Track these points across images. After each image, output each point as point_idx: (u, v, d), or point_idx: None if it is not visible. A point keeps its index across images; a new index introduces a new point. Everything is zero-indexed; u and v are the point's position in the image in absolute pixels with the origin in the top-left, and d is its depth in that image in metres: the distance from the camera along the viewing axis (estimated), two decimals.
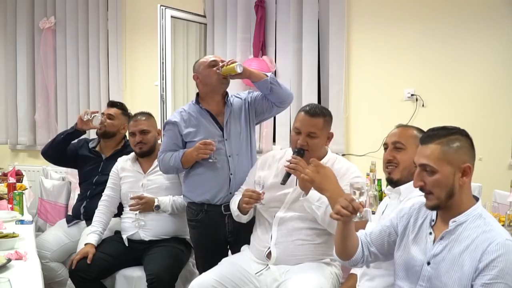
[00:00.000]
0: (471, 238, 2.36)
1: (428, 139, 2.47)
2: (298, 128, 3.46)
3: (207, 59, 4.00)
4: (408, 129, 3.08)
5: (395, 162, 3.01)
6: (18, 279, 2.81)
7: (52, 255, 4.54)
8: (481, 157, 5.56)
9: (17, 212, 4.37)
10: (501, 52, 5.77)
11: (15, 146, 7.61)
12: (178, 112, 4.12)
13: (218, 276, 3.48)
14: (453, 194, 2.40)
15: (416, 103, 6.01)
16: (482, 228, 2.37)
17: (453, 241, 2.41)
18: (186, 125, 3.97)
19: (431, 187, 2.41)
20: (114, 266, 4.20)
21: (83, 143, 5.06)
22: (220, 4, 6.57)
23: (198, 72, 3.99)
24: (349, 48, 6.26)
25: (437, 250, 2.44)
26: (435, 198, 2.41)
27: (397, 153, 3.01)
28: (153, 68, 6.06)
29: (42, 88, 7.40)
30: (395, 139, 3.04)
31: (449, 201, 2.41)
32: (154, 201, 4.22)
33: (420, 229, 2.57)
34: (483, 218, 2.41)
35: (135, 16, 6.98)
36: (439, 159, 2.40)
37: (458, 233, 2.41)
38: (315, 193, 3.26)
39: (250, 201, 3.42)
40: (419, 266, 2.49)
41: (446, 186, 2.40)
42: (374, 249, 2.68)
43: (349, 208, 2.46)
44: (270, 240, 3.52)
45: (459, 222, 2.41)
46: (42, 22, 7.27)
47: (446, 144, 2.43)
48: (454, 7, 5.84)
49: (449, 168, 2.40)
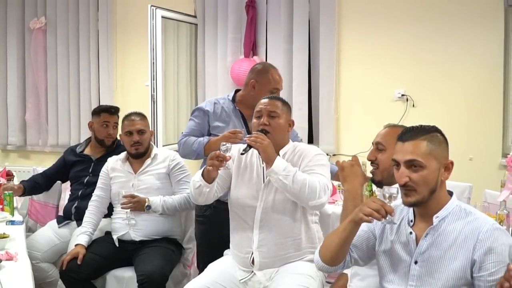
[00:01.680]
0: (457, 231, 2.40)
1: (410, 136, 2.47)
2: (259, 112, 3.47)
3: (275, 82, 4.10)
4: (393, 130, 3.04)
5: (376, 162, 3.02)
6: (8, 279, 2.81)
7: (42, 255, 4.52)
8: (472, 157, 5.61)
9: (7, 213, 4.36)
10: (490, 53, 5.78)
11: (5, 146, 7.59)
12: (211, 102, 4.20)
13: (209, 282, 3.45)
14: (435, 189, 2.43)
15: (406, 104, 6.02)
16: (466, 219, 2.42)
17: (439, 236, 2.43)
18: (217, 118, 4.08)
19: (416, 183, 2.40)
20: (105, 267, 4.18)
21: (69, 151, 5.07)
22: (211, 4, 6.56)
23: (258, 81, 4.07)
24: (339, 48, 6.26)
25: (423, 248, 2.45)
26: (418, 194, 2.41)
27: (378, 154, 3.02)
28: (143, 68, 6.06)
29: (32, 88, 7.38)
30: (377, 140, 3.05)
31: (431, 197, 2.42)
32: (145, 201, 4.19)
33: (400, 230, 2.56)
34: (464, 209, 2.46)
35: (125, 16, 6.97)
36: (426, 155, 2.41)
37: (443, 228, 2.43)
38: (280, 164, 3.24)
39: (215, 163, 3.30)
40: (406, 267, 2.49)
41: (432, 181, 2.41)
42: (355, 254, 2.67)
43: (381, 212, 2.40)
44: (252, 245, 3.48)
45: (442, 217, 2.44)
46: (33, 22, 7.24)
47: (431, 140, 2.44)
48: (444, 9, 5.85)
49: (435, 163, 2.43)
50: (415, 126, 2.52)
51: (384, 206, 2.40)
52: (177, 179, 4.35)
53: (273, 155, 3.28)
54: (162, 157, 4.40)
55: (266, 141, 3.27)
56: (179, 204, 4.25)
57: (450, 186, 2.61)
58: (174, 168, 4.37)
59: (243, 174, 3.55)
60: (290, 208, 3.40)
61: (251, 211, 3.48)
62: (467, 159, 5.58)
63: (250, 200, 3.49)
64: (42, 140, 7.42)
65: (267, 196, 3.45)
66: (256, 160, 3.51)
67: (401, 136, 2.51)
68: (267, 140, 3.28)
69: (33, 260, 3.96)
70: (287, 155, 3.45)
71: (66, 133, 7.27)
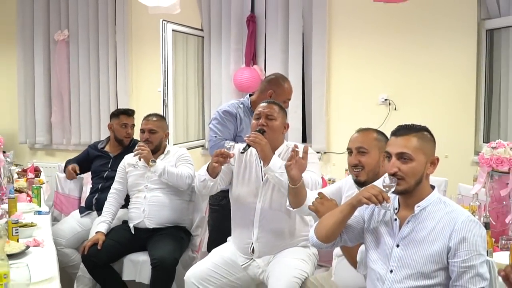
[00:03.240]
0: (435, 220, 2.42)
1: (404, 132, 2.49)
2: (258, 114, 3.49)
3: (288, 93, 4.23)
4: (368, 133, 3.09)
5: (360, 165, 3.02)
6: (36, 263, 2.81)
7: (66, 242, 4.53)
8: (447, 155, 5.61)
9: (35, 204, 4.37)
10: (464, 62, 5.79)
11: (33, 145, 7.57)
12: (235, 106, 4.24)
13: (212, 265, 3.51)
14: (420, 181, 2.45)
15: (389, 107, 6.02)
16: (444, 210, 2.44)
17: (419, 224, 2.45)
18: (241, 120, 4.16)
19: (405, 173, 2.43)
20: (122, 252, 4.21)
21: (92, 146, 5.11)
22: (215, 19, 6.55)
23: (275, 91, 4.13)
24: (329, 58, 6.26)
25: (405, 233, 2.47)
26: (406, 183, 2.44)
27: (361, 157, 3.02)
28: (156, 75, 6.04)
29: (57, 93, 7.36)
30: (358, 145, 3.04)
31: (416, 187, 2.45)
32: (152, 156, 4.19)
33: (385, 217, 2.58)
34: (443, 202, 2.49)
35: (140, 29, 6.96)
36: (416, 149, 2.44)
37: (423, 217, 2.45)
38: (276, 162, 3.26)
39: (220, 160, 3.33)
40: (389, 249, 2.50)
41: (418, 173, 2.44)
42: (345, 235, 2.66)
43: (379, 197, 2.42)
44: (252, 236, 3.51)
45: (422, 207, 2.46)
46: (57, 34, 7.23)
47: (421, 137, 2.48)
48: (423, 22, 5.85)
49: (423, 158, 2.45)
50: (408, 124, 2.55)
51: (382, 193, 2.43)
52: (179, 163, 4.33)
53: (270, 154, 3.30)
54: (173, 154, 4.41)
55: (264, 141, 3.30)
56: (178, 175, 4.18)
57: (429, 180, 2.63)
58: (179, 157, 4.37)
59: (243, 174, 3.57)
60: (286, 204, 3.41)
61: (251, 207, 3.51)
62: (443, 156, 5.52)
63: (250, 198, 3.52)
64: (66, 139, 7.41)
65: (265, 194, 3.48)
66: (255, 160, 3.52)
67: (395, 132, 2.54)
68: (265, 140, 3.30)
69: (57, 246, 3.96)
70: (281, 155, 3.46)
71: (87, 133, 7.26)
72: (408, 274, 2.43)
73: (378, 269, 2.55)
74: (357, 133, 3.11)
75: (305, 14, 6.28)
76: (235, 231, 3.66)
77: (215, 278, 3.49)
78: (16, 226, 3.31)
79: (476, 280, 2.32)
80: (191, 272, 3.52)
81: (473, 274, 2.32)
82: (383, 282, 2.50)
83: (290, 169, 3.00)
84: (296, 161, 3.00)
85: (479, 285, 2.32)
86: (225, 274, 3.52)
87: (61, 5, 7.26)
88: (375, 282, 2.56)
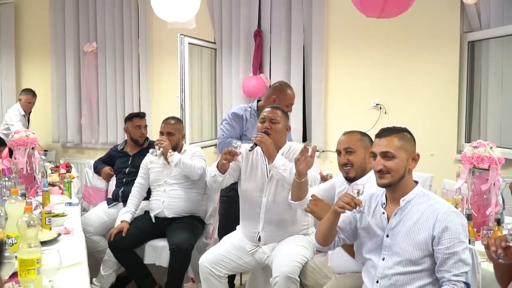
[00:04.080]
0: (420, 212, 2.43)
1: (386, 133, 2.51)
2: (262, 118, 3.47)
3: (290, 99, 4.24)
4: (353, 135, 3.11)
5: (349, 163, 3.05)
6: (66, 249, 2.80)
7: (94, 230, 4.51)
8: (433, 153, 5.59)
9: (66, 196, 4.38)
10: (447, 70, 5.76)
11: (65, 144, 7.57)
12: (243, 109, 4.29)
13: (223, 251, 3.53)
14: (404, 176, 2.46)
15: (380, 111, 5.99)
16: (428, 203, 2.44)
17: (405, 216, 2.45)
18: (247, 121, 4.18)
19: (389, 169, 2.44)
20: (144, 238, 4.20)
21: (114, 148, 5.15)
22: (226, 33, 6.54)
23: (278, 97, 4.15)
24: (327, 67, 6.23)
25: (393, 225, 2.47)
26: (391, 177, 2.44)
27: (349, 156, 3.05)
28: (174, 83, 6.03)
29: (86, 98, 7.36)
30: (345, 146, 3.07)
31: (400, 181, 2.46)
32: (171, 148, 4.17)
33: (375, 212, 2.58)
34: (426, 195, 2.49)
35: (160, 42, 6.95)
36: (397, 148, 2.46)
37: (408, 209, 2.46)
38: (280, 159, 3.28)
39: (228, 157, 3.33)
40: (380, 240, 2.51)
41: (401, 168, 2.45)
42: (342, 235, 2.69)
43: (351, 204, 2.46)
44: (259, 226, 3.50)
45: (407, 200, 2.47)
46: (86, 46, 7.23)
47: (401, 137, 2.49)
48: (410, 34, 5.81)
49: (405, 155, 2.46)
50: (389, 127, 2.57)
51: (353, 200, 2.46)
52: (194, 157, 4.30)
53: (274, 152, 3.32)
54: (189, 151, 4.39)
55: (269, 141, 3.31)
56: (191, 165, 4.15)
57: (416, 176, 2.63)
58: (194, 153, 4.36)
59: (250, 171, 3.56)
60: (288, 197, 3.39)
61: (257, 201, 3.50)
62: (428, 155, 5.55)
63: (256, 192, 3.51)
64: (94, 139, 7.42)
65: (270, 189, 3.47)
66: (260, 159, 3.51)
67: (378, 134, 2.55)
68: (270, 140, 3.31)
69: (86, 233, 3.95)
70: (284, 154, 3.45)
71: (113, 133, 7.26)
72: (398, 261, 2.44)
73: (372, 258, 2.56)
74: (343, 136, 3.15)
75: (305, 29, 6.26)
76: (243, 222, 3.66)
77: (225, 262, 3.49)
78: (49, 216, 3.31)
79: (459, 265, 2.32)
80: (205, 257, 3.52)
81: (456, 260, 2.32)
82: (376, 268, 2.51)
83: (299, 164, 3.02)
84: (305, 157, 3.01)
85: (461, 269, 2.33)
86: (235, 259, 3.52)
87: (90, 20, 7.27)
88: (369, 269, 2.57)
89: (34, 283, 2.17)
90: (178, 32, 5.68)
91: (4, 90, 7.78)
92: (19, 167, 4.18)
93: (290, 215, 3.50)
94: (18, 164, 4.18)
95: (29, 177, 4.25)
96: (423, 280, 2.41)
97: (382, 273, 2.47)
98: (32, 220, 2.33)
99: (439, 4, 5.68)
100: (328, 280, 3.13)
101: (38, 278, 2.24)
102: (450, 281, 2.31)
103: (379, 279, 2.48)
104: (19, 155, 4.23)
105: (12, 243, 2.65)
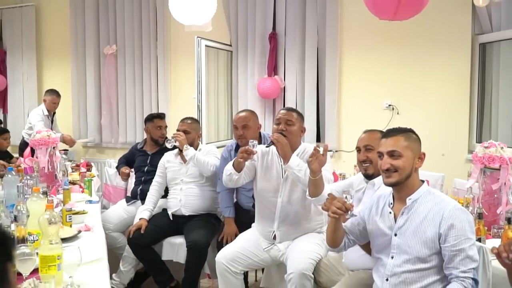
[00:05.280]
0: (426, 210, 2.41)
1: (392, 133, 2.51)
2: (278, 120, 3.46)
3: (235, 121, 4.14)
4: (373, 133, 3.12)
5: (369, 160, 3.06)
6: (87, 245, 2.80)
7: (114, 227, 4.52)
8: (444, 153, 5.55)
9: (87, 194, 4.39)
10: (459, 71, 5.72)
11: (86, 144, 7.61)
12: (228, 149, 4.24)
13: (239, 248, 3.53)
14: (410, 174, 2.45)
15: (392, 112, 5.96)
16: (434, 201, 2.42)
17: (412, 214, 2.44)
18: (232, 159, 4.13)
19: (396, 167, 2.43)
20: (162, 235, 4.21)
21: (134, 147, 5.17)
22: (242, 36, 6.55)
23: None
24: (340, 69, 6.21)
25: (400, 223, 2.46)
26: (398, 175, 2.43)
27: (369, 153, 3.06)
28: (191, 84, 6.05)
29: (106, 99, 7.40)
30: (365, 143, 3.09)
31: (406, 180, 2.45)
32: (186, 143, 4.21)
33: (383, 212, 2.57)
34: (432, 194, 2.47)
35: (177, 45, 6.96)
36: (403, 147, 2.45)
37: (415, 208, 2.44)
38: (294, 160, 3.28)
39: (244, 156, 3.34)
40: (389, 239, 2.49)
41: (408, 167, 2.44)
42: (351, 236, 2.71)
43: (342, 208, 2.50)
44: (274, 225, 3.50)
45: (414, 199, 2.45)
46: (106, 49, 7.27)
47: (407, 137, 2.49)
48: (422, 36, 5.78)
49: (411, 154, 2.46)
50: (395, 128, 2.58)
51: (344, 204, 2.50)
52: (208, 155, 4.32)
53: (289, 153, 3.31)
54: (204, 150, 4.41)
55: (285, 142, 3.31)
56: (204, 161, 4.19)
57: (427, 175, 2.64)
58: (209, 152, 4.38)
59: (265, 171, 3.55)
60: (303, 197, 3.40)
61: (273, 201, 3.50)
62: (440, 155, 5.52)
63: (272, 193, 3.51)
64: (114, 139, 7.45)
65: (285, 189, 3.47)
66: (276, 160, 3.50)
67: (384, 134, 2.56)
68: (285, 141, 3.31)
69: (106, 230, 3.96)
70: (299, 156, 3.44)
71: (132, 133, 7.29)
72: (407, 259, 2.43)
73: (381, 256, 2.55)
74: (364, 134, 3.16)
75: (319, 31, 6.25)
76: (258, 220, 3.65)
77: (241, 259, 3.49)
78: (70, 213, 3.32)
79: (466, 262, 2.31)
80: (222, 253, 3.52)
81: (463, 257, 2.31)
82: (385, 267, 2.50)
83: (312, 163, 3.04)
84: (317, 157, 3.03)
85: (469, 266, 2.31)
86: (250, 256, 3.51)
87: (110, 23, 7.30)
88: (379, 267, 2.57)
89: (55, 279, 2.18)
90: (195, 35, 5.70)
91: (26, 91, 7.86)
92: (40, 166, 4.21)
93: (304, 215, 3.50)
94: (39, 163, 4.22)
95: (50, 176, 4.28)
96: (431, 277, 2.40)
97: (392, 271, 2.46)
98: (53, 218, 2.34)
99: (450, 7, 5.64)
100: (341, 277, 3.12)
101: (58, 274, 2.24)
102: (458, 277, 2.30)
103: (389, 277, 2.47)
104: (40, 154, 4.27)
105: (34, 240, 2.66)
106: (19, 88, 7.88)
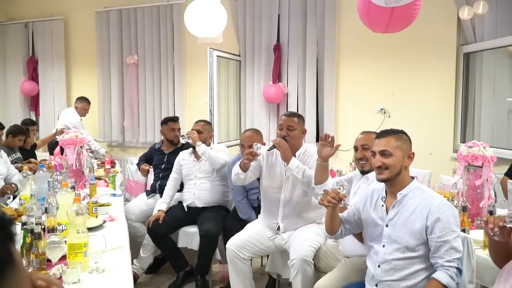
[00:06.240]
0: (415, 204, 2.40)
1: (384, 134, 2.50)
2: (280, 125, 3.45)
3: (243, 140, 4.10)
4: (370, 134, 3.10)
5: (365, 158, 3.05)
6: (111, 234, 2.81)
7: (135, 217, 4.53)
8: (431, 152, 5.52)
9: (111, 188, 4.41)
10: (445, 79, 5.68)
11: (110, 143, 7.62)
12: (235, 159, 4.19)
13: (247, 237, 3.54)
14: (400, 172, 2.43)
15: (384, 115, 5.93)
16: (422, 196, 2.41)
17: (402, 208, 2.43)
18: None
19: (387, 165, 2.42)
20: (178, 225, 4.23)
21: (153, 147, 5.19)
22: (250, 47, 6.53)
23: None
24: (338, 76, 6.18)
25: (391, 216, 2.45)
26: (389, 172, 2.42)
27: (365, 152, 3.05)
28: (204, 90, 6.04)
29: (128, 104, 7.39)
30: (362, 143, 3.09)
31: (397, 177, 2.43)
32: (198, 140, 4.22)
33: (376, 204, 2.55)
34: (421, 189, 2.46)
35: (192, 55, 6.95)
36: (394, 147, 2.44)
37: (405, 202, 2.43)
38: (294, 163, 3.29)
39: (249, 157, 3.36)
40: (381, 229, 2.49)
41: (398, 165, 2.42)
42: (347, 225, 2.70)
43: (336, 198, 2.51)
44: (278, 218, 3.51)
45: (404, 194, 2.44)
46: (128, 59, 7.26)
47: (398, 138, 2.47)
48: (412, 47, 5.74)
49: (401, 153, 2.44)
50: (388, 129, 2.56)
51: (338, 195, 2.51)
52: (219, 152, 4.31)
53: (290, 156, 3.31)
54: (215, 148, 4.41)
55: (286, 146, 3.31)
56: (215, 156, 4.20)
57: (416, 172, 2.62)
58: (219, 149, 4.38)
59: (270, 170, 3.55)
60: (303, 193, 3.43)
61: (276, 197, 3.51)
62: (427, 153, 5.49)
63: (276, 189, 3.51)
64: (135, 139, 7.45)
65: (287, 187, 3.47)
66: (279, 160, 3.49)
67: (378, 135, 2.54)
68: (287, 145, 3.31)
69: (128, 220, 3.97)
70: (300, 156, 3.45)
71: (152, 134, 7.29)
72: (396, 248, 2.42)
73: (373, 245, 2.55)
74: (361, 135, 3.17)
75: (319, 42, 6.22)
76: (263, 213, 3.67)
77: (249, 247, 3.50)
78: (95, 206, 3.33)
79: (451, 252, 2.30)
80: (231, 242, 3.53)
81: (448, 248, 2.30)
82: (377, 254, 2.50)
83: (320, 150, 3.10)
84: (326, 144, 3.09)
85: (453, 256, 2.30)
86: (257, 244, 3.52)
87: (132, 36, 7.30)
88: (372, 255, 2.56)
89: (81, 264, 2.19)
90: (207, 46, 5.68)
91: (56, 96, 7.88)
92: (69, 163, 4.22)
93: (305, 208, 3.51)
94: (68, 160, 4.23)
95: (78, 172, 4.29)
96: (419, 265, 2.39)
97: (383, 258, 2.46)
98: (80, 209, 2.35)
99: (438, 20, 5.60)
100: (338, 263, 3.11)
101: (85, 260, 2.26)
102: (443, 266, 2.29)
103: (380, 263, 2.47)
104: (69, 153, 4.28)
105: (63, 229, 2.68)
106: (49, 93, 7.90)
